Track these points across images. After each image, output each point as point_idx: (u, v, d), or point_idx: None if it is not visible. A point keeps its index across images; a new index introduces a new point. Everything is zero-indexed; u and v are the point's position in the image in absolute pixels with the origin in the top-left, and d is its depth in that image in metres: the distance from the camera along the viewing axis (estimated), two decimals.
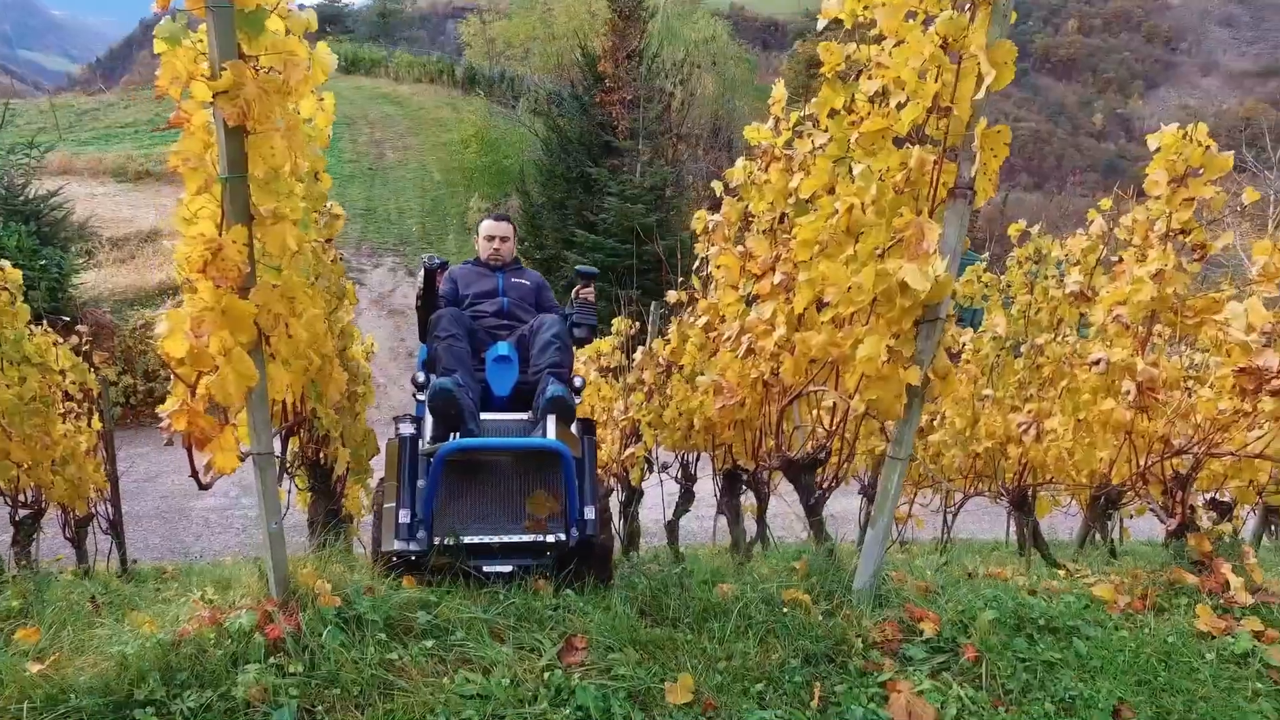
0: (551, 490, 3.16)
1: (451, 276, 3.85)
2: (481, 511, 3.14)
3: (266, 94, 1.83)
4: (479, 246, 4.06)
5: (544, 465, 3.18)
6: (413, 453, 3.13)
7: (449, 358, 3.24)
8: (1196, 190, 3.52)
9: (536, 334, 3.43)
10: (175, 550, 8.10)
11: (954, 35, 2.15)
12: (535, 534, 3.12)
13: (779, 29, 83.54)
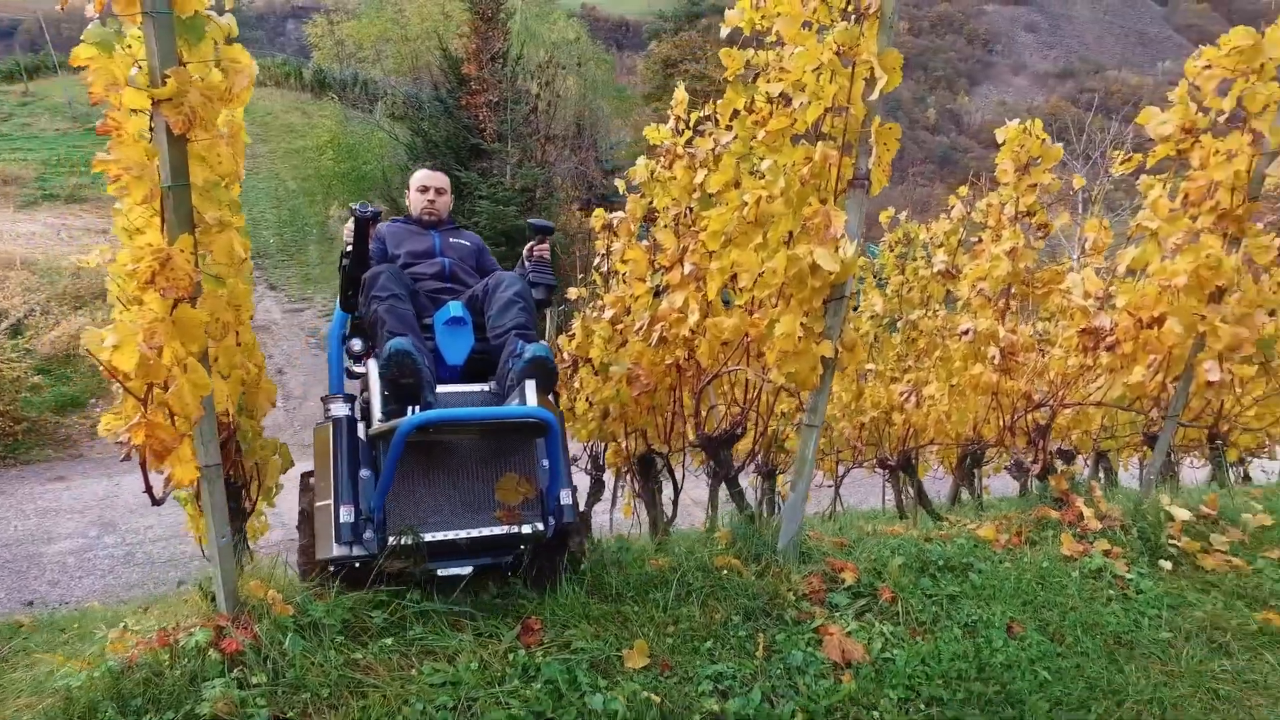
0: (522, 472, 2.77)
1: (378, 235, 3.38)
2: (441, 503, 2.68)
3: (210, 101, 1.82)
4: (410, 200, 3.58)
5: (512, 444, 2.80)
6: (351, 437, 2.68)
7: (393, 320, 2.78)
8: (1038, 177, 4.02)
9: (494, 293, 3.01)
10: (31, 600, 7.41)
11: (848, 44, 2.42)
12: (508, 525, 2.71)
13: (630, 29, 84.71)
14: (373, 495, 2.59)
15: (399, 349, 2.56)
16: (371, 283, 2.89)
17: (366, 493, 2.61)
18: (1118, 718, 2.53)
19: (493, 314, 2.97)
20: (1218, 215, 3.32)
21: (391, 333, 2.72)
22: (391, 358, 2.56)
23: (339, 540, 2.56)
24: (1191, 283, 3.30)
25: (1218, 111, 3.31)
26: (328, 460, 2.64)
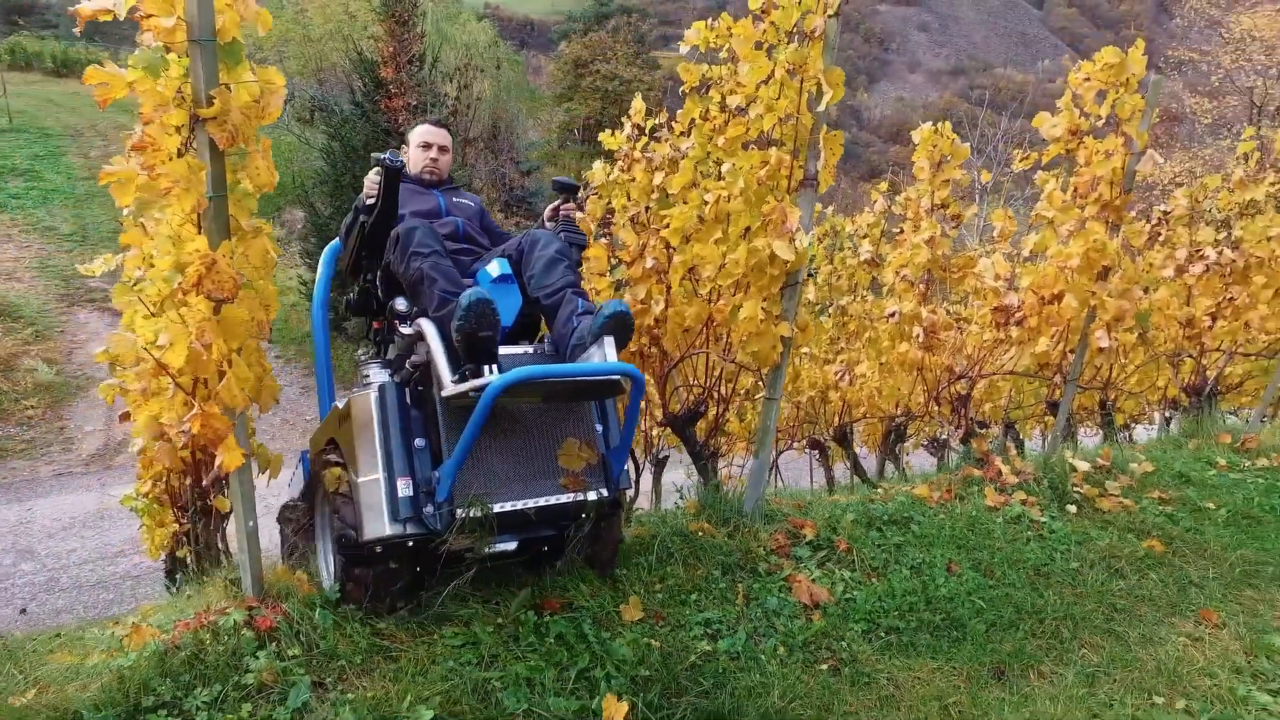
0: (582, 437, 2.65)
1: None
2: (507, 471, 2.52)
3: (248, 119, 2.00)
4: (410, 158, 3.31)
5: (569, 407, 2.67)
6: (401, 404, 2.46)
7: (443, 277, 2.57)
8: (949, 173, 4.50)
9: (533, 251, 2.76)
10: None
11: (798, 62, 2.77)
12: (574, 492, 2.59)
13: (535, 28, 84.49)
14: (427, 466, 2.43)
15: (481, 298, 2.31)
16: (406, 239, 2.65)
17: (423, 464, 2.43)
18: (1040, 632, 2.99)
19: (536, 273, 2.72)
20: (1101, 205, 3.86)
21: (445, 291, 2.53)
22: (472, 308, 2.30)
23: (395, 517, 2.37)
24: (1083, 263, 3.83)
25: (1096, 117, 3.84)
26: (371, 431, 2.41)
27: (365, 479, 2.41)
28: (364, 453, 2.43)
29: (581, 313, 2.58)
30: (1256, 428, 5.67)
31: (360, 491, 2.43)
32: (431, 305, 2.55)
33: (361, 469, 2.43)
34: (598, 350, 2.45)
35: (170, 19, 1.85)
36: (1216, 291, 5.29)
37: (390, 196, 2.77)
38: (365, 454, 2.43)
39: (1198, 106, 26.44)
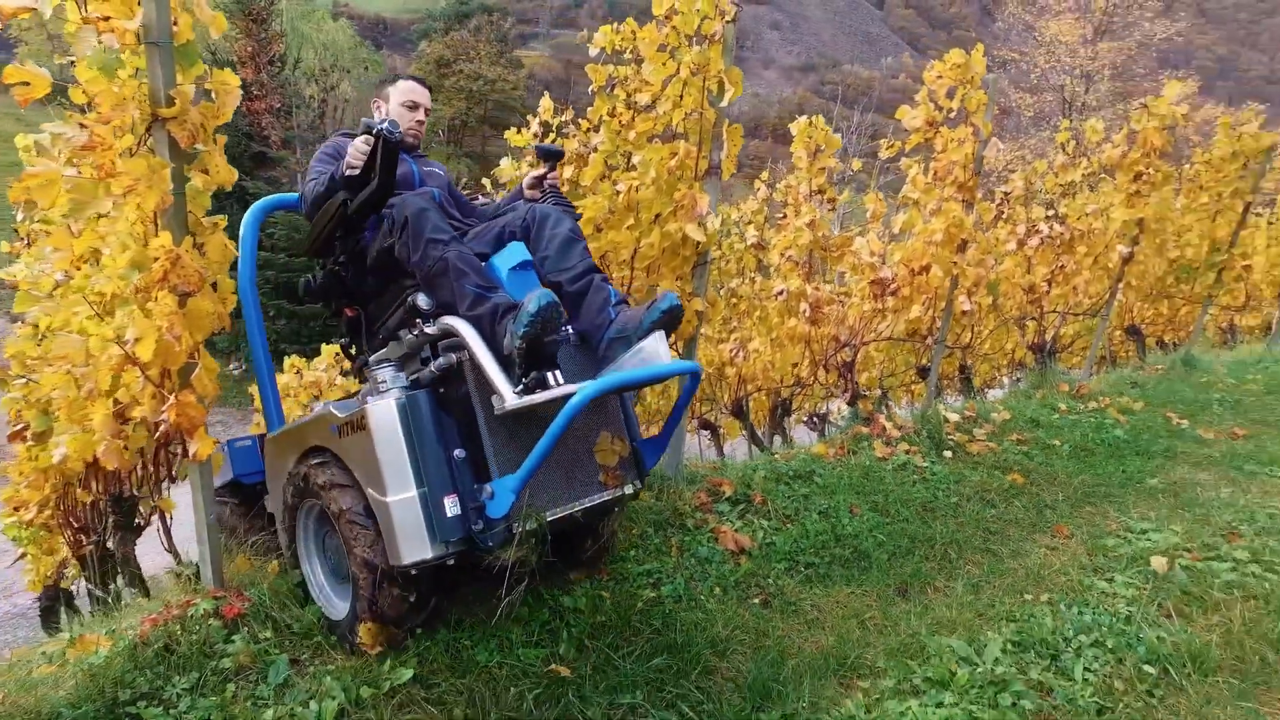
0: (614, 431, 2.57)
1: (336, 149, 2.80)
2: (553, 477, 2.39)
3: (207, 118, 2.07)
4: (388, 114, 2.95)
5: (604, 401, 2.53)
6: (435, 414, 2.24)
7: (474, 272, 2.31)
8: (825, 161, 4.97)
9: (543, 230, 2.54)
10: None
11: (701, 63, 3.08)
12: (614, 489, 2.53)
13: (387, 26, 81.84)
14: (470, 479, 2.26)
15: (551, 302, 2.12)
16: (419, 222, 2.36)
17: (465, 477, 2.25)
18: (931, 555, 3.45)
19: (551, 255, 2.50)
20: (957, 187, 4.41)
21: (479, 287, 2.28)
22: (541, 313, 2.10)
23: (440, 537, 2.18)
24: (945, 238, 4.37)
25: (948, 110, 4.39)
26: (398, 443, 2.18)
27: (396, 498, 2.17)
28: (391, 468, 2.18)
29: (616, 303, 2.43)
30: (1087, 377, 6.53)
31: (390, 512, 2.18)
32: (463, 303, 2.28)
33: (389, 486, 2.18)
34: (652, 344, 2.29)
35: (134, 21, 1.92)
36: (1050, 261, 6.06)
37: (388, 173, 2.40)
38: (393, 470, 2.18)
39: (1021, 101, 29.15)
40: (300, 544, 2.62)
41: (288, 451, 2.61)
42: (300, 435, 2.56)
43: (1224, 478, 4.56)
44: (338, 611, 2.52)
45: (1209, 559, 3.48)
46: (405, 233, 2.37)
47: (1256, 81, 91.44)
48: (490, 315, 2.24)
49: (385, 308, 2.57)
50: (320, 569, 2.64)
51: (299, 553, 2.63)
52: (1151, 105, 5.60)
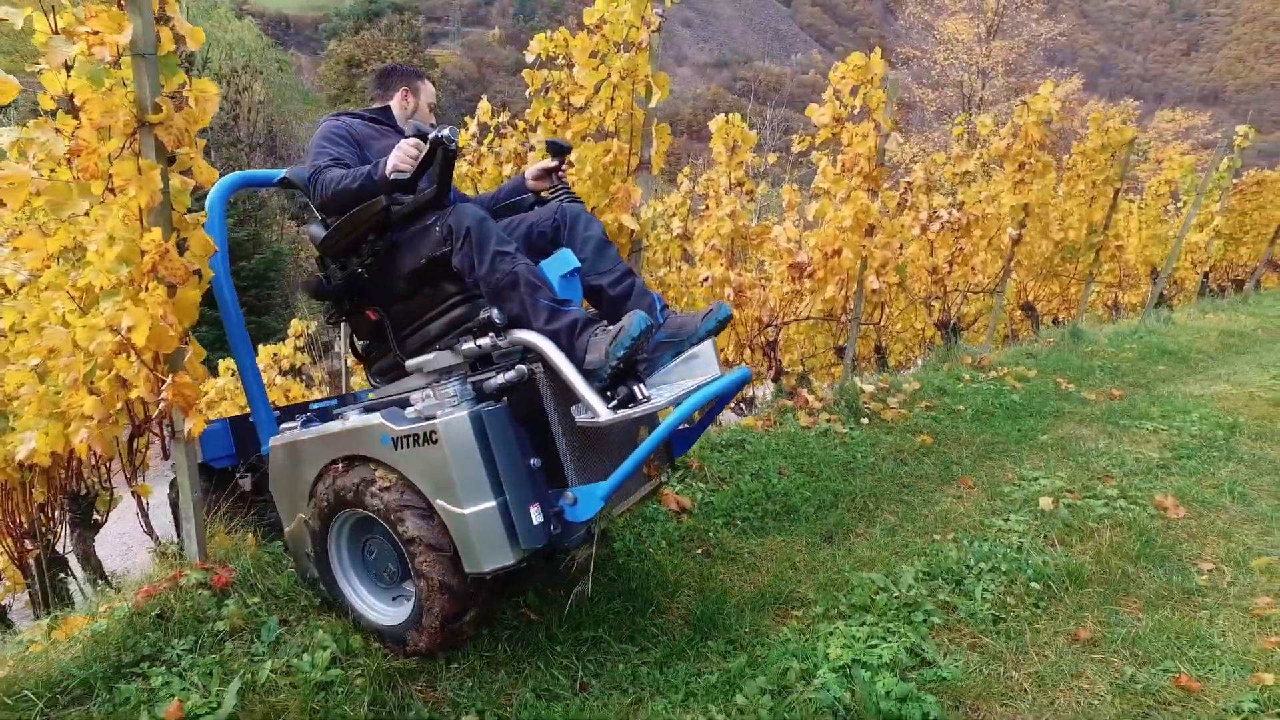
0: (649, 423, 2.62)
1: (347, 131, 2.71)
2: (608, 470, 2.37)
3: (189, 124, 2.25)
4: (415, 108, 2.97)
5: None
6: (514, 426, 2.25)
7: (545, 285, 2.34)
8: (742, 156, 5.35)
9: (575, 231, 2.58)
10: None
11: (630, 69, 3.39)
12: (655, 479, 2.61)
13: (290, 25, 79.49)
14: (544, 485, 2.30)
15: (650, 324, 2.22)
16: (482, 233, 2.32)
17: (540, 484, 2.29)
18: (853, 508, 3.86)
19: (588, 257, 2.54)
20: (863, 177, 4.85)
21: (552, 302, 2.32)
22: (641, 335, 2.19)
23: (522, 544, 2.21)
24: (854, 224, 4.80)
25: (853, 107, 4.83)
26: (474, 456, 2.17)
27: (474, 509, 2.19)
28: (467, 481, 2.19)
29: (662, 308, 2.51)
30: (987, 350, 7.15)
31: (468, 523, 2.20)
32: (538, 317, 2.29)
33: (466, 498, 2.19)
34: (705, 350, 2.42)
35: (124, 35, 2.09)
36: (950, 244, 6.62)
37: (445, 182, 2.39)
38: (469, 482, 2.19)
39: (924, 96, 30.58)
40: (333, 555, 2.57)
41: (307, 461, 2.51)
42: (328, 445, 2.45)
43: (1102, 431, 5.16)
44: (385, 618, 2.51)
45: (1087, 498, 4.01)
46: (466, 243, 2.33)
47: (1133, 79, 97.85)
48: (568, 330, 2.29)
49: (416, 312, 2.51)
50: (356, 578, 2.60)
51: (330, 564, 2.56)
52: (1031, 102, 6.21)
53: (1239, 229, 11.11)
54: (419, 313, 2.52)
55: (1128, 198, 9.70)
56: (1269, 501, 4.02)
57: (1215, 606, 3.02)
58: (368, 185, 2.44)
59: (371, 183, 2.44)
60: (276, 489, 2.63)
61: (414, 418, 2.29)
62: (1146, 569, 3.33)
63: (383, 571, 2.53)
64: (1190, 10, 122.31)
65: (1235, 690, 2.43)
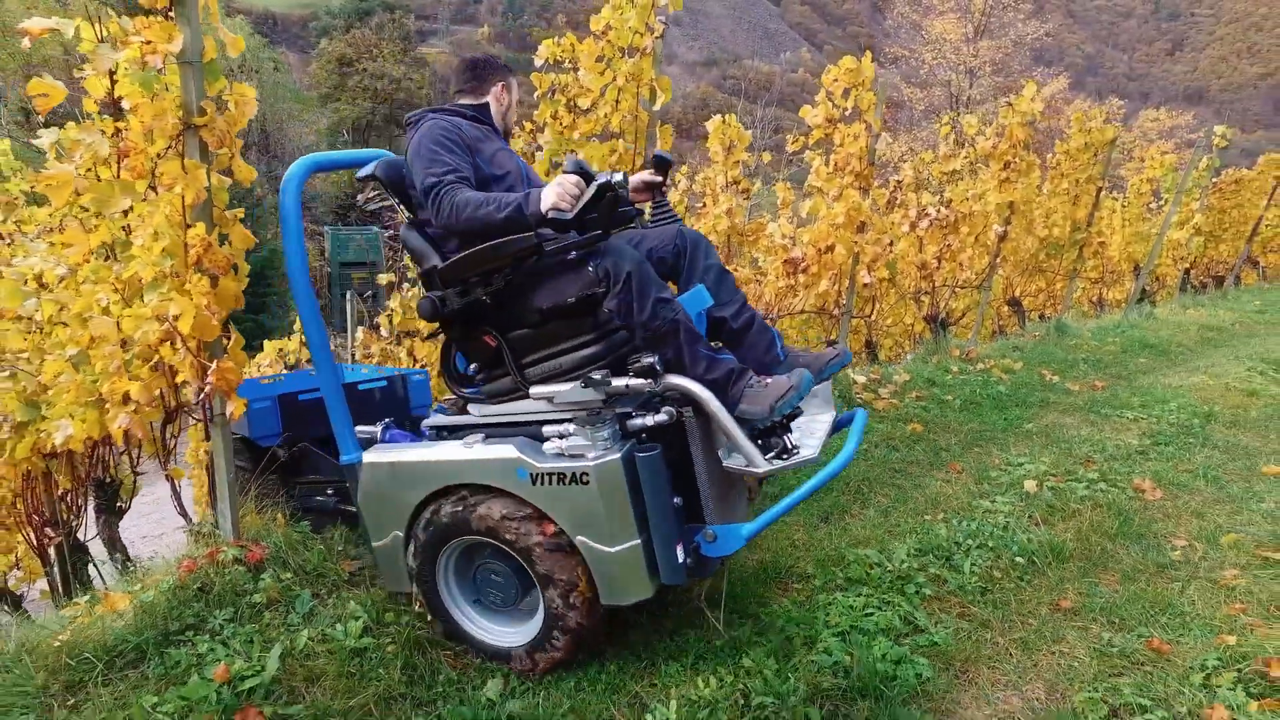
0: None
1: (458, 134, 2.55)
2: (729, 495, 2.47)
3: (230, 125, 2.41)
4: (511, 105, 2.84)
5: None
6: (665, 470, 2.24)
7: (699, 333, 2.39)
8: (738, 155, 5.53)
9: (696, 258, 2.57)
10: None
11: (636, 73, 3.56)
12: (753, 497, 2.67)
13: (278, 22, 79.08)
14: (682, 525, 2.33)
15: (811, 381, 2.32)
16: (643, 279, 2.29)
17: (680, 522, 2.32)
18: (848, 491, 4.06)
19: (710, 286, 2.56)
20: (854, 176, 5.04)
21: (709, 353, 2.36)
22: (804, 395, 2.28)
23: (658, 579, 2.30)
24: (846, 220, 4.99)
25: (844, 108, 5.02)
26: (623, 499, 2.23)
27: (621, 548, 2.26)
28: (616, 520, 2.25)
29: (781, 346, 2.56)
30: (975, 344, 7.36)
31: (614, 560, 2.28)
32: (696, 366, 2.31)
33: (613, 537, 2.26)
34: (823, 390, 2.59)
35: (175, 44, 2.25)
36: (939, 240, 6.83)
37: (606, 228, 2.39)
38: (619, 522, 2.25)
39: (912, 95, 30.86)
40: (441, 580, 2.58)
41: (415, 483, 2.49)
42: (444, 470, 2.45)
43: (1085, 420, 5.38)
44: (501, 639, 2.56)
45: (1069, 481, 4.22)
46: (626, 289, 2.29)
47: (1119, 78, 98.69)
48: (724, 380, 2.33)
49: (543, 343, 2.44)
50: (466, 603, 2.63)
51: (438, 586, 2.58)
52: (1015, 103, 6.42)
53: (1218, 227, 11.39)
54: (546, 344, 2.44)
55: (1111, 196, 9.96)
56: (1240, 484, 4.24)
57: (1186, 579, 3.23)
58: (515, 219, 2.31)
59: (522, 216, 2.30)
60: (367, 503, 2.58)
61: (559, 455, 2.28)
62: (1124, 545, 3.54)
63: (497, 596, 2.55)
64: (1175, 10, 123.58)
65: (1201, 651, 2.63)
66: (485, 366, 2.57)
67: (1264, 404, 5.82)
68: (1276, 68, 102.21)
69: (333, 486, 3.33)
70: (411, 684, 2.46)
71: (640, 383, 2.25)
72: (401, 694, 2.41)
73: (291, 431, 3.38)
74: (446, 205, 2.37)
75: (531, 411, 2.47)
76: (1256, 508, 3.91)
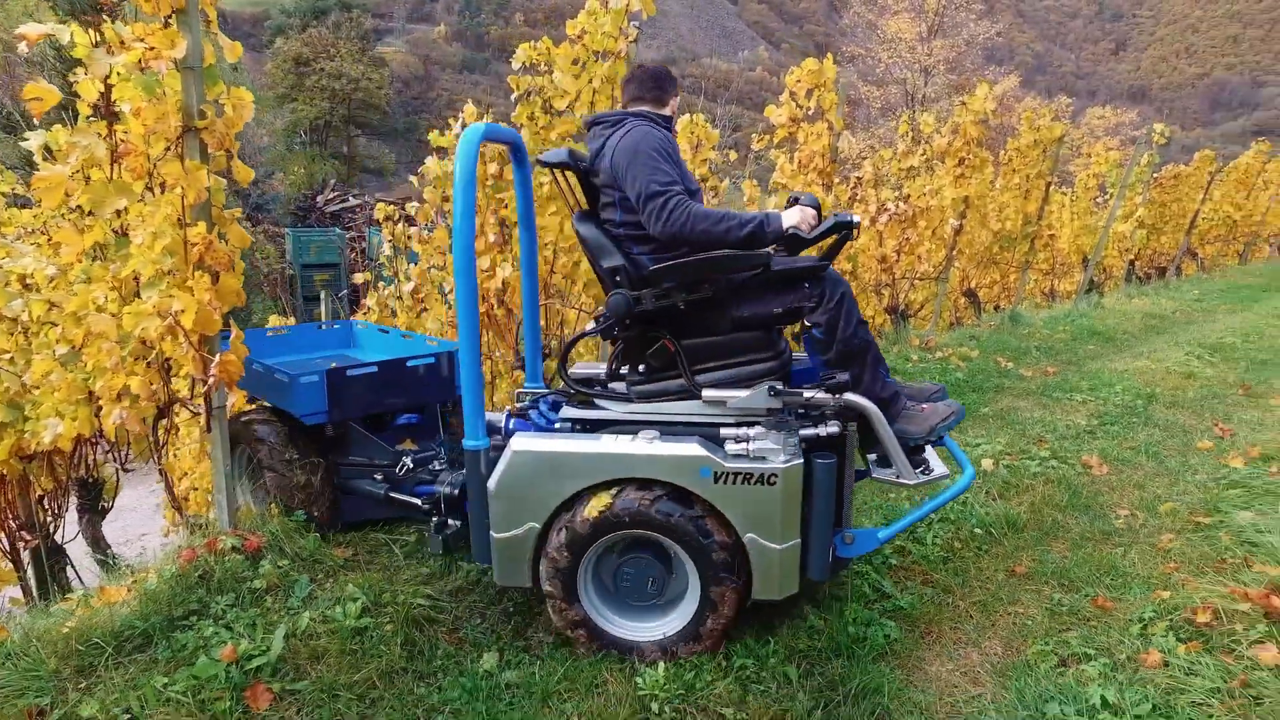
0: None
1: (673, 148, 2.63)
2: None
3: (228, 128, 2.50)
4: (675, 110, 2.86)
5: None
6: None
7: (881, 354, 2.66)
8: (706, 154, 5.70)
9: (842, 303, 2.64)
10: None
11: (609, 75, 3.71)
12: None
13: (228, 19, 77.52)
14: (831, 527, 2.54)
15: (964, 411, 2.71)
16: (852, 302, 2.56)
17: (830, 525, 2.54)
18: None
19: None
20: (818, 172, 5.25)
21: (887, 372, 2.66)
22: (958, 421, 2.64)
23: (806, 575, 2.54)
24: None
25: (807, 108, 5.22)
26: (797, 500, 2.43)
27: (786, 545, 2.44)
28: (787, 520, 2.43)
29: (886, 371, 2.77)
30: (933, 333, 7.65)
31: (778, 557, 2.45)
32: (875, 385, 2.57)
33: (784, 535, 2.44)
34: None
35: (179, 50, 2.34)
36: (898, 234, 7.09)
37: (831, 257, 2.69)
38: (789, 521, 2.43)
39: (869, 94, 31.42)
40: (582, 573, 2.58)
41: (571, 474, 2.48)
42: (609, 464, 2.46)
43: (1037, 404, 5.66)
44: (634, 633, 2.62)
45: (1023, 459, 4.47)
46: (838, 308, 2.53)
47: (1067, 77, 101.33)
48: (890, 400, 2.61)
49: (722, 352, 2.58)
50: (600, 599, 2.65)
51: (577, 580, 2.57)
52: (969, 103, 6.70)
53: (1160, 220, 11.90)
54: (726, 353, 2.58)
55: (1061, 190, 10.36)
56: (1177, 459, 4.54)
57: (1128, 544, 3.49)
58: (757, 235, 2.48)
59: (763, 233, 2.49)
60: (504, 492, 2.52)
61: (743, 456, 2.41)
62: (1073, 516, 3.80)
63: (637, 592, 2.61)
64: (1118, 11, 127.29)
65: (1140, 605, 2.87)
66: (660, 368, 2.63)
67: (1200, 385, 6.19)
68: (1212, 67, 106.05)
69: (382, 472, 3.26)
70: (411, 659, 2.59)
71: (824, 396, 2.46)
72: (402, 668, 2.54)
73: (339, 409, 3.17)
74: (680, 215, 2.44)
75: (699, 414, 2.58)
76: (1191, 479, 4.20)
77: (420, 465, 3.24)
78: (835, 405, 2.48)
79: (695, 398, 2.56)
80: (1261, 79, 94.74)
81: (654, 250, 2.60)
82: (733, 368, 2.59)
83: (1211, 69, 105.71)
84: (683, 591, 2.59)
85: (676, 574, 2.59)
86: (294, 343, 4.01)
